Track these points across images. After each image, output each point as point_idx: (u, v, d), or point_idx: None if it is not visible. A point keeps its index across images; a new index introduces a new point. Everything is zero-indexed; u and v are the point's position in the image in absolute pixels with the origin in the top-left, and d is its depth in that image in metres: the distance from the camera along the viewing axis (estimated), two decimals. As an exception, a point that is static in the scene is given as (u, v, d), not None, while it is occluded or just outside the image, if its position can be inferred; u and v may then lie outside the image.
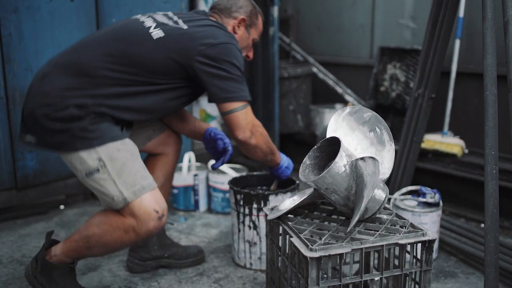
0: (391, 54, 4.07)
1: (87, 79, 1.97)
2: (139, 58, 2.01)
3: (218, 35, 2.10)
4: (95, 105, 1.95)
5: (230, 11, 2.31)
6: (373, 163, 1.77)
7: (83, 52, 2.05)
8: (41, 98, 1.97)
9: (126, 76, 2.01)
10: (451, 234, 2.89)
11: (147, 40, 2.04)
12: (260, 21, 2.40)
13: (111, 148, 1.95)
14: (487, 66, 2.15)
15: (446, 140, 3.52)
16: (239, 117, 2.12)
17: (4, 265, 2.64)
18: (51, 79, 1.99)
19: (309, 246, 1.71)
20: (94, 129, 1.94)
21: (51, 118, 1.93)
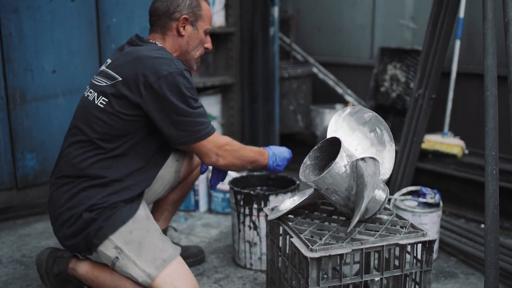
0: (392, 55, 4.07)
1: (80, 180, 2.01)
2: (98, 130, 2.00)
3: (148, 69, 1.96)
4: (103, 198, 1.98)
5: (169, 14, 2.13)
6: (373, 163, 1.77)
7: (64, 155, 2.08)
8: (56, 221, 2.06)
9: (102, 150, 2.00)
10: (451, 234, 2.89)
11: (97, 111, 2.00)
12: (206, 8, 2.20)
13: (124, 232, 1.97)
14: (487, 67, 2.15)
15: (446, 141, 3.52)
16: (201, 146, 2.05)
17: (4, 265, 2.64)
18: (54, 199, 2.06)
19: (309, 246, 1.71)
20: (107, 220, 1.97)
21: (70, 235, 2.01)
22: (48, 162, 3.21)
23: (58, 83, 3.18)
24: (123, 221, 1.97)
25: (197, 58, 2.25)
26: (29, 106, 3.10)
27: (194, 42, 2.20)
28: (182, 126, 1.97)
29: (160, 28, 2.16)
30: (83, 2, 3.20)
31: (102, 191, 1.98)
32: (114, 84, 1.97)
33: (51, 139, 3.19)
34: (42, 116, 3.15)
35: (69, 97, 3.23)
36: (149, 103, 1.93)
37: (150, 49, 2.03)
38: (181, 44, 2.17)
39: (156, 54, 1.98)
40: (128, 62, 1.98)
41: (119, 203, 1.99)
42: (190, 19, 2.15)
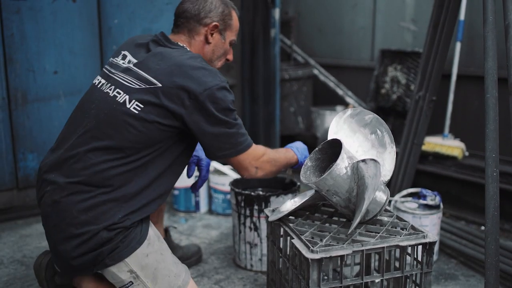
0: (392, 57, 4.08)
1: (99, 190, 1.82)
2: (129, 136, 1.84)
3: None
4: (124, 217, 1.83)
5: (199, 18, 2.01)
6: (374, 165, 1.77)
7: (84, 159, 1.85)
8: (62, 232, 1.83)
9: (126, 160, 1.84)
10: (451, 236, 2.90)
11: (129, 117, 1.83)
12: (235, 19, 2.12)
13: (140, 255, 1.86)
14: (488, 69, 2.16)
15: (447, 143, 3.53)
16: (242, 160, 1.96)
17: (5, 266, 2.65)
18: (63, 206, 1.83)
19: (310, 247, 1.71)
20: (123, 241, 1.83)
21: (79, 254, 1.81)
22: (49, 162, 3.21)
23: (59, 84, 3.19)
24: (139, 243, 1.86)
25: (217, 68, 2.11)
26: (31, 106, 3.11)
27: (219, 51, 2.10)
28: (224, 139, 1.88)
29: (188, 31, 2.03)
30: (85, 3, 3.21)
31: (122, 207, 1.82)
32: (153, 90, 1.81)
33: (52, 139, 3.16)
34: (43, 117, 3.16)
35: (70, 98, 3.23)
36: (192, 115, 1.82)
37: (188, 56, 1.90)
38: (206, 52, 2.06)
39: (198, 63, 1.87)
40: (168, 68, 1.84)
41: (136, 222, 1.87)
42: (220, 27, 2.05)
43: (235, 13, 2.11)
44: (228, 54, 2.16)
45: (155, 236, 1.95)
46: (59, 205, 1.82)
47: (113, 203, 1.81)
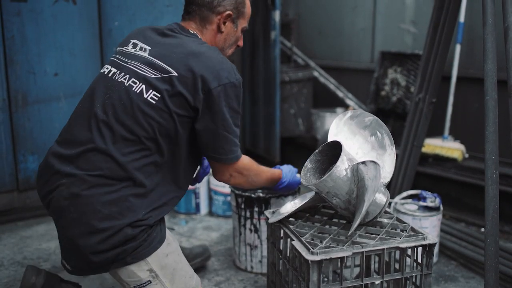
0: (392, 59, 4.08)
1: (122, 184, 1.76)
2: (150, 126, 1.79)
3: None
4: (147, 214, 1.79)
5: (212, 6, 1.96)
6: (374, 167, 1.78)
7: (105, 151, 1.77)
8: (84, 226, 1.74)
9: (147, 152, 1.80)
10: (451, 238, 2.90)
11: (147, 106, 1.79)
12: (248, 6, 2.07)
13: (160, 255, 1.83)
14: (487, 71, 2.16)
15: (447, 145, 3.53)
16: (223, 167, 1.95)
17: (6, 267, 2.65)
18: (85, 200, 1.74)
19: (310, 249, 1.71)
20: (146, 239, 1.79)
21: (103, 250, 1.74)
22: (49, 164, 3.22)
23: (60, 86, 3.20)
24: (160, 242, 1.83)
25: (228, 56, 2.09)
26: (31, 108, 3.11)
27: (231, 39, 2.06)
28: (220, 142, 1.86)
29: (200, 20, 1.98)
30: (86, 5, 3.21)
31: (144, 203, 1.78)
32: (169, 79, 1.78)
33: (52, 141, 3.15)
34: (43, 119, 3.16)
35: (71, 100, 3.24)
36: (202, 107, 1.79)
37: (205, 46, 1.87)
38: (219, 40, 2.03)
39: (216, 55, 1.84)
40: (184, 57, 1.80)
41: (159, 218, 1.83)
42: (233, 16, 2.00)
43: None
44: (239, 41, 2.13)
45: (171, 236, 1.93)
46: (79, 198, 1.73)
47: (136, 199, 1.76)
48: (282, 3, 4.51)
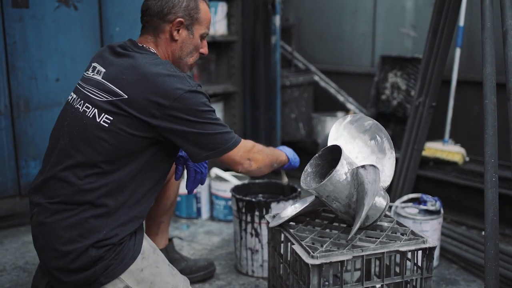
0: (392, 63, 4.09)
1: (81, 208, 1.79)
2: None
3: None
4: (111, 232, 1.79)
5: (163, 15, 1.91)
6: (373, 171, 1.78)
7: (60, 177, 1.82)
8: (51, 251, 1.80)
9: (105, 175, 1.80)
10: (452, 241, 2.90)
11: (100, 131, 1.79)
12: (204, 11, 1.99)
13: (134, 270, 1.84)
14: (486, 75, 2.17)
15: (447, 148, 3.54)
16: (233, 155, 1.91)
17: (8, 272, 2.66)
18: (48, 227, 1.80)
19: (310, 253, 1.72)
20: (116, 258, 1.81)
21: (70, 271, 1.78)
22: (51, 169, 3.23)
23: (61, 92, 3.21)
24: (133, 258, 1.83)
25: (191, 64, 2.05)
26: (33, 114, 3.13)
27: (188, 47, 1.99)
28: (208, 144, 1.84)
29: (152, 30, 1.95)
30: (87, 11, 3.23)
31: (107, 222, 1.79)
32: (120, 102, 1.76)
33: (54, 147, 3.21)
34: (45, 124, 3.17)
35: (73, 105, 3.25)
36: (167, 126, 1.77)
37: (155, 63, 1.82)
38: (174, 49, 1.98)
39: (165, 70, 1.79)
40: (134, 79, 1.78)
41: (127, 235, 1.83)
42: (186, 23, 1.94)
43: (204, 4, 1.99)
44: (201, 48, 2.05)
45: (150, 248, 1.93)
46: (44, 226, 1.81)
47: (97, 219, 1.78)
48: (283, 8, 4.53)
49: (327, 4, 4.69)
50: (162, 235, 2.51)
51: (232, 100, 4.18)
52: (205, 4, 2.00)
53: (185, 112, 1.76)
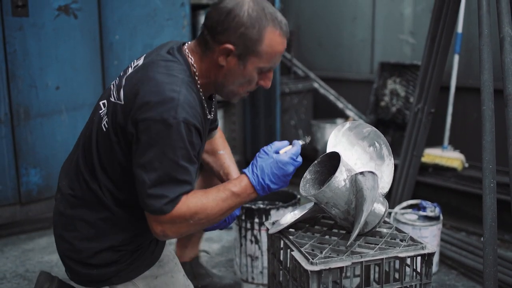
0: (391, 69, 4.11)
1: (101, 208, 1.75)
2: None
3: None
4: (127, 240, 1.76)
5: (215, 33, 1.64)
6: (372, 177, 1.79)
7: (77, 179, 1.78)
8: (66, 243, 1.79)
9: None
10: (451, 247, 2.90)
11: (99, 133, 1.74)
12: (271, 42, 1.65)
13: (148, 277, 1.81)
14: (484, 82, 2.18)
15: (446, 154, 3.55)
16: (147, 217, 1.64)
17: (8, 280, 2.66)
18: (70, 218, 1.78)
19: (309, 259, 1.72)
20: (131, 263, 1.79)
21: (83, 268, 1.77)
22: (51, 177, 3.24)
23: (61, 100, 3.22)
24: (148, 265, 1.81)
25: (237, 94, 1.78)
26: (33, 122, 3.14)
27: (235, 78, 1.70)
28: (139, 185, 1.60)
29: (203, 43, 1.69)
30: (87, 19, 3.25)
31: (124, 230, 1.76)
32: (118, 106, 1.67)
33: (54, 154, 3.22)
34: (46, 132, 3.18)
35: (73, 113, 3.26)
36: (134, 138, 1.61)
37: (164, 73, 1.63)
38: (217, 75, 1.71)
39: (166, 84, 1.59)
40: (136, 82, 1.65)
41: (145, 242, 1.80)
42: (237, 52, 1.64)
43: (275, 35, 1.65)
44: (260, 80, 1.75)
45: (169, 256, 1.91)
46: (63, 217, 1.79)
47: (113, 226, 1.75)
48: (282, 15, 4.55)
49: (326, 11, 4.71)
50: (191, 249, 2.43)
51: (232, 107, 4.20)
52: (277, 34, 1.65)
53: (148, 139, 1.56)
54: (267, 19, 1.63)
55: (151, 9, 3.43)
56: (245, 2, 1.62)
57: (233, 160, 2.16)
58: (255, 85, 1.76)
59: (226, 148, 2.17)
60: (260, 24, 1.62)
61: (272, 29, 1.64)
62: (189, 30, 3.52)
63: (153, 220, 1.61)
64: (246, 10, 1.61)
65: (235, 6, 1.61)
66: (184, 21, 3.49)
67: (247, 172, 1.73)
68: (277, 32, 1.65)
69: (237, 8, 1.61)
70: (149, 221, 1.62)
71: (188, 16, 3.51)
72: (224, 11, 1.61)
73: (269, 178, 1.72)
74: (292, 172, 1.76)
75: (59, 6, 3.11)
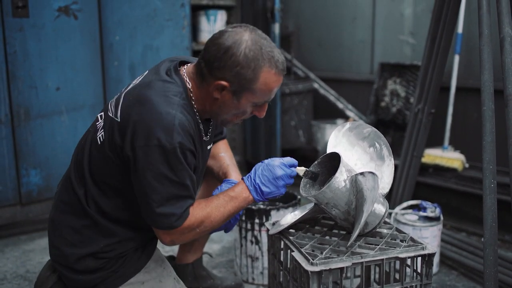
0: (391, 70, 4.11)
1: (84, 215, 1.79)
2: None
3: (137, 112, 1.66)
4: (107, 247, 1.79)
5: (211, 67, 1.67)
6: (372, 178, 1.79)
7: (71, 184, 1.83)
8: (55, 249, 1.84)
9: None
10: (452, 248, 2.90)
11: (93, 144, 1.79)
12: (265, 80, 1.68)
13: (135, 283, 1.83)
14: (484, 82, 2.18)
15: (447, 155, 3.55)
16: (157, 233, 1.75)
17: (8, 281, 2.66)
18: (58, 223, 1.84)
19: (310, 260, 1.72)
20: (116, 271, 1.82)
21: (71, 268, 1.81)
22: (52, 178, 3.24)
23: (62, 100, 3.22)
24: (134, 272, 1.83)
25: (229, 123, 1.84)
26: (33, 123, 3.14)
27: (229, 110, 1.75)
28: (145, 207, 1.68)
29: (201, 74, 1.73)
30: (87, 20, 3.25)
31: (105, 237, 1.79)
32: (115, 123, 1.71)
33: (55, 155, 3.23)
34: (46, 133, 3.19)
35: (73, 114, 3.26)
36: (131, 162, 1.66)
37: (159, 96, 1.66)
38: (212, 105, 1.75)
39: (162, 108, 1.63)
40: (132, 102, 1.68)
41: (129, 250, 1.83)
42: (232, 88, 1.68)
43: (269, 74, 1.68)
44: (255, 112, 1.81)
45: (158, 261, 1.92)
46: (53, 223, 1.86)
47: (95, 232, 1.79)
48: (282, 16, 4.55)
49: (326, 12, 4.71)
50: (194, 253, 2.42)
51: (232, 108, 4.19)
52: (272, 73, 1.69)
53: (149, 163, 1.62)
54: (263, 58, 1.66)
55: (151, 10, 3.43)
56: (243, 40, 1.65)
57: (233, 162, 2.18)
58: (249, 114, 1.82)
59: (227, 151, 2.21)
60: (256, 64, 1.65)
61: (268, 69, 1.68)
62: (189, 31, 3.52)
63: (161, 233, 1.72)
64: (243, 49, 1.64)
65: (233, 44, 1.65)
66: (184, 21, 3.49)
67: (244, 177, 1.84)
68: (272, 71, 1.69)
69: (235, 47, 1.64)
70: (157, 232, 1.73)
71: (188, 17, 3.51)
72: (222, 48, 1.65)
73: (259, 179, 1.80)
74: (283, 177, 1.81)
75: (59, 7, 3.12)
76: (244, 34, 1.67)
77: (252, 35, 1.68)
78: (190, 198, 1.71)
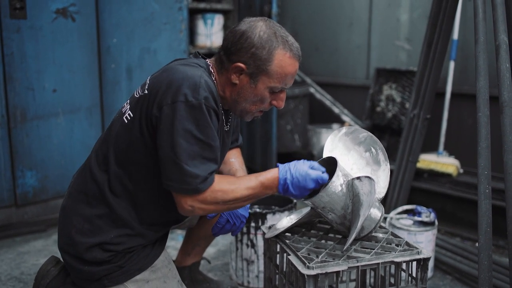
0: (387, 75, 4.13)
1: (97, 203, 1.80)
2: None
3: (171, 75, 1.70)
4: (116, 238, 1.78)
5: (229, 53, 1.78)
6: (369, 182, 1.80)
7: (87, 170, 1.85)
8: (65, 237, 1.83)
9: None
10: (446, 253, 2.92)
11: (120, 126, 1.80)
12: (280, 62, 1.76)
13: (140, 281, 1.83)
14: (479, 88, 2.20)
15: (442, 160, 3.56)
16: (182, 200, 1.71)
17: (3, 283, 2.65)
18: (70, 210, 1.84)
19: (306, 264, 1.73)
20: (122, 266, 1.81)
21: (78, 258, 1.80)
22: (47, 180, 3.24)
23: (58, 102, 3.22)
24: (140, 269, 1.83)
25: (249, 112, 1.87)
26: (30, 124, 3.14)
27: (247, 95, 1.80)
28: (171, 168, 1.67)
29: (220, 62, 1.83)
30: (84, 22, 3.25)
31: (116, 227, 1.79)
32: (141, 98, 1.74)
33: (50, 157, 3.23)
34: (42, 135, 3.19)
35: (69, 116, 3.26)
36: (158, 125, 1.68)
37: (185, 64, 1.76)
38: (231, 91, 1.82)
39: (187, 68, 1.70)
40: (159, 76, 1.75)
41: (138, 246, 1.83)
42: (248, 71, 1.76)
43: (285, 56, 1.77)
44: (273, 100, 1.85)
45: (164, 261, 1.92)
46: (64, 210, 1.86)
47: (106, 222, 1.78)
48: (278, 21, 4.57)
49: (322, 17, 4.73)
50: (193, 257, 2.43)
51: (228, 111, 4.20)
52: (286, 56, 1.78)
53: (175, 120, 1.64)
54: (277, 41, 1.77)
55: (149, 13, 3.44)
56: (258, 25, 1.78)
57: (243, 168, 2.21)
58: (268, 104, 1.87)
59: (238, 157, 2.25)
60: (270, 45, 1.75)
61: (282, 51, 1.77)
62: (186, 35, 3.53)
63: (181, 198, 1.69)
64: (257, 32, 1.75)
65: (248, 29, 1.76)
66: (181, 25, 3.49)
67: (280, 167, 1.79)
68: (287, 54, 1.78)
69: (249, 31, 1.76)
70: (177, 198, 1.70)
71: (185, 21, 3.52)
72: (238, 33, 1.76)
73: (291, 179, 1.76)
74: (310, 189, 1.78)
75: (57, 9, 3.12)
76: (260, 21, 1.79)
77: (266, 22, 1.80)
78: (215, 163, 1.71)
